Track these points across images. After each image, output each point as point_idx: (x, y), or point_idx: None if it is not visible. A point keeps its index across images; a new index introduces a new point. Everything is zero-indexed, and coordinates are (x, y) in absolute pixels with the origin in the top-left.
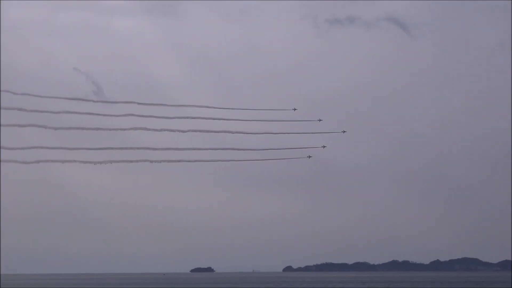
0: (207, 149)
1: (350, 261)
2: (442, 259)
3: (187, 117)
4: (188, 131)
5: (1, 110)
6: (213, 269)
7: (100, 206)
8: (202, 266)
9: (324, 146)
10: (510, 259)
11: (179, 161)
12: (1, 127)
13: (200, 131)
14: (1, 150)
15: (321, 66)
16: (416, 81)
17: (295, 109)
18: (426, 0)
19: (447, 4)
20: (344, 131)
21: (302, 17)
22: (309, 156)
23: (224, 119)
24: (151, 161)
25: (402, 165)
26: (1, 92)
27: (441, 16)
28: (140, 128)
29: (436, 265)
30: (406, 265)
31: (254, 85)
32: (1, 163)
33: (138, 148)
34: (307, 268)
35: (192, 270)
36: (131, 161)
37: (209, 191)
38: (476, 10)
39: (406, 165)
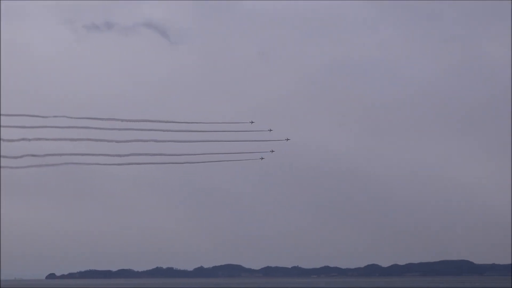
0: None
1: (114, 268)
2: (206, 266)
3: None
4: None
5: None
6: None
7: None
8: None
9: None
10: (272, 265)
11: None
12: None
13: None
14: None
15: (81, 71)
16: (176, 86)
17: (252, 122)
18: (185, 1)
19: (209, 10)
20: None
21: (61, 21)
22: (262, 158)
23: None
24: None
25: (169, 176)
26: None
27: (202, 23)
28: None
29: (200, 272)
30: (170, 272)
31: (15, 88)
32: None
33: None
34: (70, 275)
35: None
36: None
37: None
38: (240, 18)
39: (171, 176)
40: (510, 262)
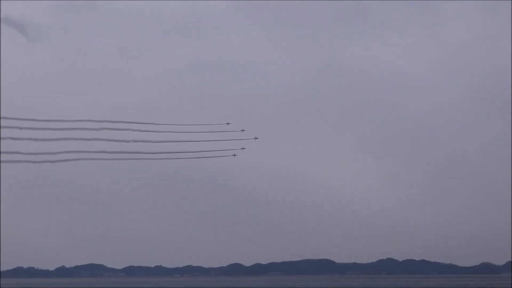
0: None
1: None
2: (67, 265)
3: None
4: None
5: None
6: None
7: None
8: None
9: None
10: (135, 265)
11: None
12: None
13: None
14: None
15: None
16: (34, 83)
17: (228, 123)
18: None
19: (68, 8)
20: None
21: None
22: (234, 155)
23: None
24: None
25: (29, 175)
26: None
27: (62, 20)
28: None
29: (62, 271)
30: (31, 272)
31: None
32: None
33: None
34: None
35: None
36: None
37: None
38: (100, 16)
39: (32, 175)
40: (371, 261)
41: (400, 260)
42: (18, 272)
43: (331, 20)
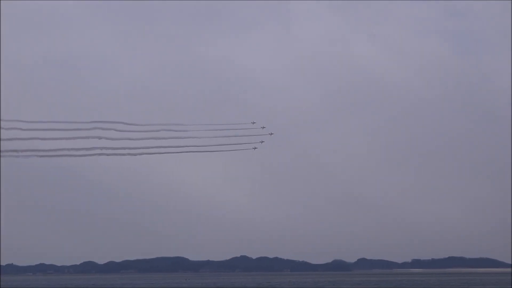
0: None
1: None
2: None
3: None
4: None
5: None
6: None
7: None
8: None
9: None
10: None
11: None
12: None
13: None
14: None
15: None
16: None
17: (253, 123)
18: None
19: None
20: None
21: None
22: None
23: None
24: None
25: None
26: None
27: None
28: None
29: None
30: None
31: None
32: None
33: None
34: None
35: None
36: None
37: None
38: None
39: None
40: (225, 258)
41: (254, 257)
42: None
43: (186, 19)
